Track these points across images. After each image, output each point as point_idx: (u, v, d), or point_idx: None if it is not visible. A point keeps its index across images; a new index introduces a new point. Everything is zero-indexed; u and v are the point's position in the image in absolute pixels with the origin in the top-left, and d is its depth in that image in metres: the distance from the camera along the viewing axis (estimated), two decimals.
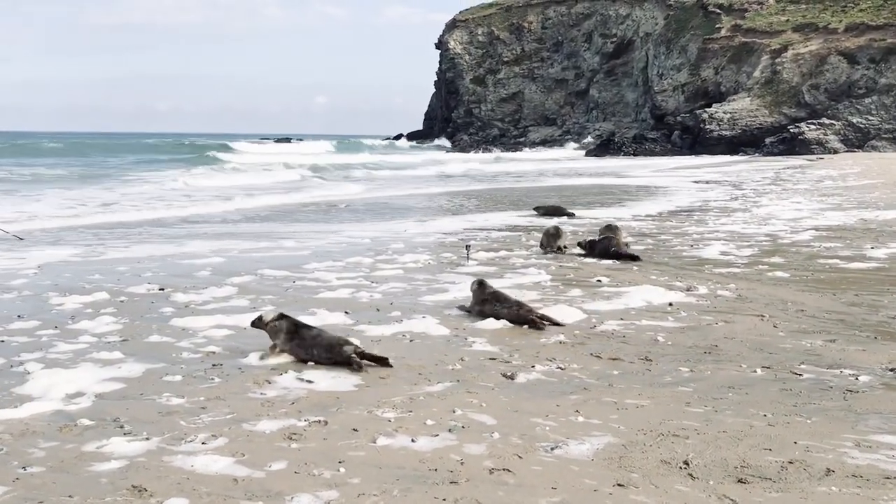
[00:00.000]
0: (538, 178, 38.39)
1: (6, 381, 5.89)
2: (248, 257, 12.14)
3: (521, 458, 4.45)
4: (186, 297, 9.01)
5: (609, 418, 5.09)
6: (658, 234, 15.14)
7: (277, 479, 4.17)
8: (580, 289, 9.55)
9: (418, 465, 4.35)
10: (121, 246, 13.68)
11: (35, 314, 8.15)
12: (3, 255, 12.43)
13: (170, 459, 4.43)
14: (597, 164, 53.78)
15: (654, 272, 10.66)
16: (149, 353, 6.70)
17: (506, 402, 5.42)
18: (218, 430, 4.89)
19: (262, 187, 29.96)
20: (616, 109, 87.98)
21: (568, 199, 23.54)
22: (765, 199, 23.90)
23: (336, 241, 14.25)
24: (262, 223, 18.03)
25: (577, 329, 7.56)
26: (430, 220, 18.66)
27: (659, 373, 6.14)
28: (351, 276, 10.34)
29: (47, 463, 4.39)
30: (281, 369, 6.19)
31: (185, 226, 17.49)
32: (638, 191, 28.72)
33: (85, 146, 74.01)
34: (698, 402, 5.43)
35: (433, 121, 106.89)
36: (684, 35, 76.38)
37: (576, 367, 6.31)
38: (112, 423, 5.03)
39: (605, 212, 19.79)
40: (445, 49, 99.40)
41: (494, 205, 23.10)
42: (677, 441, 4.70)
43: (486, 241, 14.12)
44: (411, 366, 6.28)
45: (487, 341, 7.09)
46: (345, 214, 20.30)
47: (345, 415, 5.15)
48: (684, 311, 8.32)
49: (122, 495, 3.96)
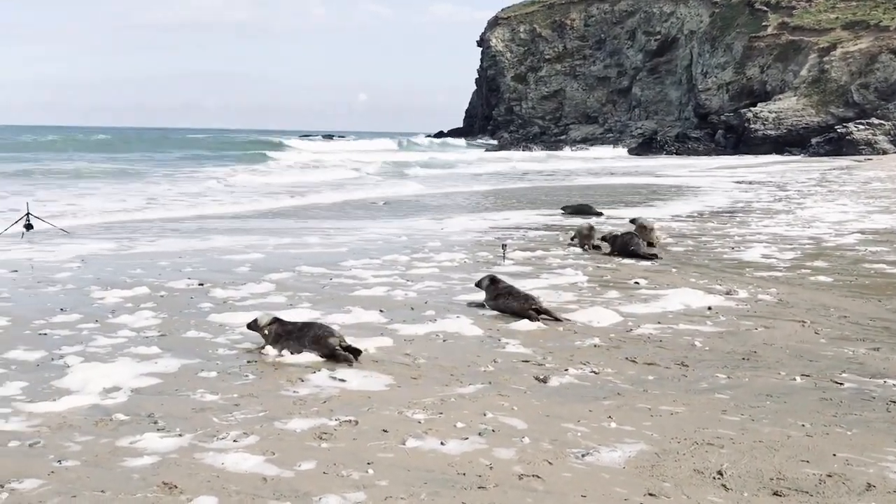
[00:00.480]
0: (585, 177, 38.10)
1: (46, 374, 6.00)
2: (287, 254, 12.23)
3: (551, 464, 4.41)
4: (225, 293, 9.09)
5: (642, 425, 5.02)
6: (699, 235, 14.93)
7: (306, 479, 4.18)
8: (617, 290, 9.44)
9: (447, 469, 4.32)
10: (164, 241, 13.88)
11: (77, 308, 8.29)
12: (48, 248, 12.69)
13: (201, 457, 4.46)
14: (639, 163, 53.24)
15: (693, 275, 10.51)
16: (185, 349, 6.78)
17: (537, 406, 5.37)
18: (249, 427, 4.92)
19: (309, 184, 30.02)
20: (659, 108, 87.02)
21: (601, 198, 23.33)
22: (809, 200, 23.43)
23: (373, 238, 14.29)
24: (301, 220, 18.14)
25: (613, 332, 7.47)
26: (469, 218, 18.62)
27: (695, 379, 6.04)
28: (387, 273, 10.36)
29: (82, 457, 4.45)
30: (314, 367, 6.21)
31: (230, 221, 17.68)
32: (671, 191, 28.33)
33: (137, 141, 75.15)
34: (735, 410, 5.32)
35: (473, 118, 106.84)
36: (730, 33, 75.25)
37: (610, 371, 6.24)
38: (146, 418, 5.09)
39: (634, 212, 19.54)
40: (487, 47, 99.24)
41: (532, 203, 22.96)
42: (712, 450, 4.61)
43: (522, 241, 14.05)
44: (443, 366, 6.27)
45: (521, 343, 7.04)
46: (384, 212, 20.35)
47: (375, 415, 5.15)
48: (723, 315, 8.17)
49: (152, 492, 4.00)
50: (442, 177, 37.12)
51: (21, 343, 6.86)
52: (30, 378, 5.89)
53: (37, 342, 6.93)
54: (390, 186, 29.56)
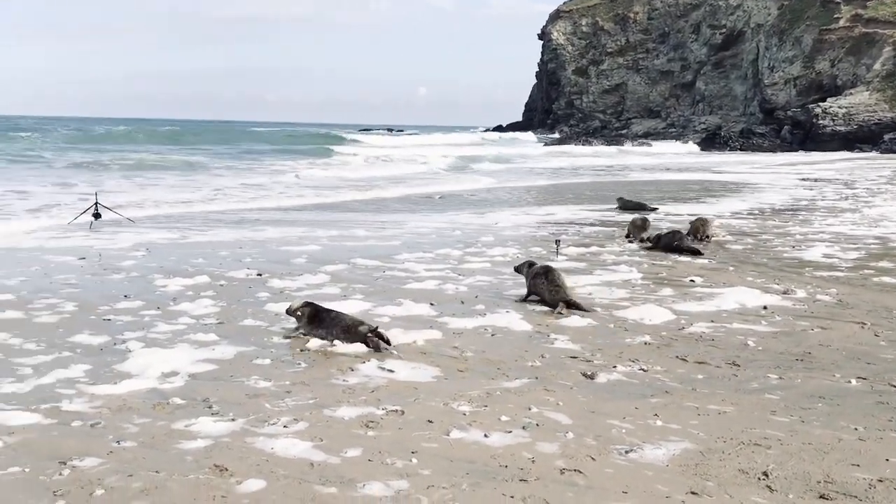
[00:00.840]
0: (650, 172, 37.62)
1: (109, 358, 6.24)
2: (343, 246, 12.42)
3: (593, 459, 4.43)
4: (282, 283, 9.30)
5: (689, 423, 4.99)
6: (759, 233, 14.64)
7: (351, 466, 4.28)
8: (671, 288, 9.35)
9: (489, 461, 4.38)
10: (225, 231, 14.21)
11: (140, 295, 8.58)
12: (115, 237, 13.12)
13: (252, 441, 4.61)
14: (705, 160, 52.28)
15: (750, 273, 10.33)
16: (242, 337, 6.97)
17: (583, 402, 5.39)
18: (300, 414, 5.05)
19: (375, 178, 30.01)
20: (723, 103, 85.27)
21: (666, 194, 23.04)
22: (878, 199, 22.73)
23: (426, 232, 14.39)
24: (361, 213, 18.36)
25: (665, 330, 7.42)
26: (524, 212, 18.60)
27: (746, 378, 5.97)
28: (439, 267, 10.44)
29: (139, 438, 4.64)
30: (364, 358, 6.33)
31: (291, 213, 17.98)
32: (730, 187, 27.74)
33: (204, 132, 76.63)
34: (784, 410, 5.25)
35: (533, 112, 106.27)
36: (799, 26, 73.26)
37: (659, 369, 6.20)
38: (201, 403, 5.27)
39: (688, 208, 19.21)
40: (548, 40, 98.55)
41: (591, 199, 22.76)
42: (758, 451, 4.57)
43: (577, 236, 13.99)
44: (491, 360, 6.32)
45: (570, 339, 7.04)
46: (439, 206, 20.43)
47: (421, 406, 5.23)
48: (779, 315, 8.04)
49: (204, 473, 4.16)
50: (506, 171, 36.96)
51: (86, 328, 7.15)
52: (93, 361, 6.14)
53: (101, 327, 7.21)
54: (458, 182, 29.40)
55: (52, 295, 8.47)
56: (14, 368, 5.96)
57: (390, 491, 4.00)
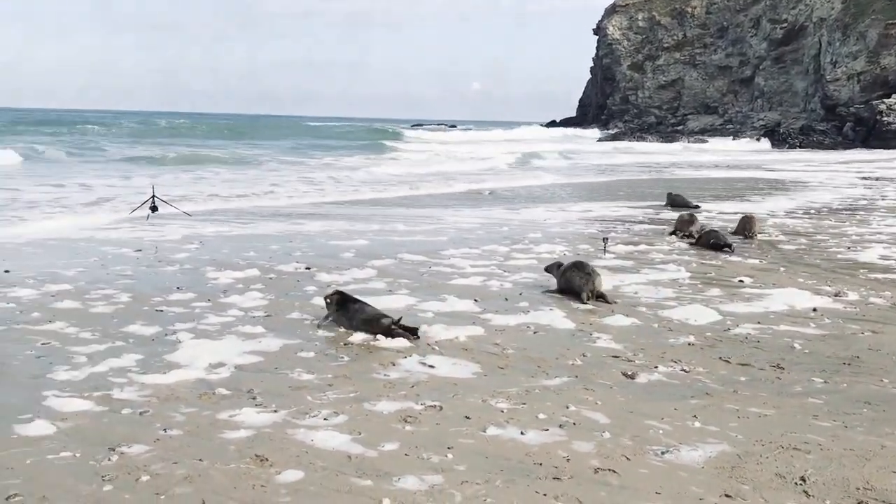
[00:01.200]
0: (712, 170, 37.03)
1: (159, 349, 6.45)
2: (391, 241, 12.54)
3: (628, 459, 4.43)
4: (330, 278, 9.45)
5: (728, 426, 4.96)
6: (814, 233, 14.34)
7: (388, 460, 4.37)
8: (719, 288, 9.24)
9: (524, 458, 4.42)
10: (277, 225, 14.45)
11: (192, 287, 8.82)
12: (170, 230, 13.46)
13: (293, 432, 4.73)
14: (772, 157, 51.23)
15: (802, 274, 10.15)
16: (288, 329, 7.12)
17: (622, 402, 5.38)
18: (340, 407, 5.16)
19: (435, 174, 29.89)
20: (783, 99, 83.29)
21: (712, 191, 22.69)
22: None
23: (473, 227, 14.42)
24: (412, 208, 18.47)
25: (709, 331, 7.35)
26: (575, 207, 18.48)
27: (789, 382, 5.89)
28: (485, 263, 10.49)
29: (185, 427, 4.80)
30: (406, 353, 6.42)
31: (344, 208, 18.19)
32: (782, 185, 27.11)
33: (262, 128, 77.73)
34: (827, 415, 5.18)
35: (587, 108, 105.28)
36: (863, 20, 71.14)
37: (701, 370, 6.16)
38: (246, 393, 5.41)
39: (738, 206, 18.86)
40: (603, 35, 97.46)
41: (642, 196, 22.50)
42: (797, 455, 4.52)
43: (626, 234, 13.88)
44: (531, 358, 6.35)
45: (613, 338, 7.03)
46: (491, 201, 20.44)
47: (460, 401, 5.29)
48: (828, 317, 7.89)
49: (245, 463, 4.29)
50: (559, 168, 36.65)
51: (139, 318, 7.38)
52: (144, 351, 6.35)
53: (153, 318, 7.44)
54: (512, 178, 29.17)
55: (108, 286, 8.75)
56: (70, 356, 6.19)
57: (424, 485, 4.07)
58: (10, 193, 18.39)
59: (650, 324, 7.60)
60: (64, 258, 10.51)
